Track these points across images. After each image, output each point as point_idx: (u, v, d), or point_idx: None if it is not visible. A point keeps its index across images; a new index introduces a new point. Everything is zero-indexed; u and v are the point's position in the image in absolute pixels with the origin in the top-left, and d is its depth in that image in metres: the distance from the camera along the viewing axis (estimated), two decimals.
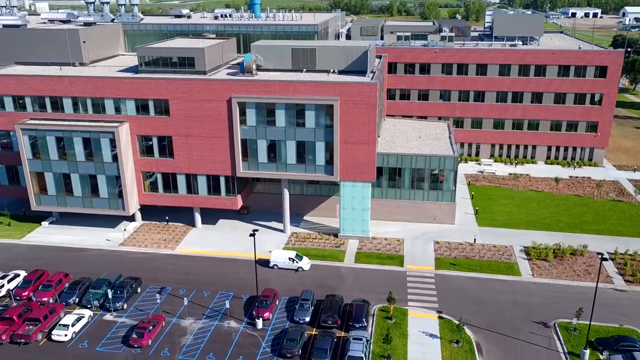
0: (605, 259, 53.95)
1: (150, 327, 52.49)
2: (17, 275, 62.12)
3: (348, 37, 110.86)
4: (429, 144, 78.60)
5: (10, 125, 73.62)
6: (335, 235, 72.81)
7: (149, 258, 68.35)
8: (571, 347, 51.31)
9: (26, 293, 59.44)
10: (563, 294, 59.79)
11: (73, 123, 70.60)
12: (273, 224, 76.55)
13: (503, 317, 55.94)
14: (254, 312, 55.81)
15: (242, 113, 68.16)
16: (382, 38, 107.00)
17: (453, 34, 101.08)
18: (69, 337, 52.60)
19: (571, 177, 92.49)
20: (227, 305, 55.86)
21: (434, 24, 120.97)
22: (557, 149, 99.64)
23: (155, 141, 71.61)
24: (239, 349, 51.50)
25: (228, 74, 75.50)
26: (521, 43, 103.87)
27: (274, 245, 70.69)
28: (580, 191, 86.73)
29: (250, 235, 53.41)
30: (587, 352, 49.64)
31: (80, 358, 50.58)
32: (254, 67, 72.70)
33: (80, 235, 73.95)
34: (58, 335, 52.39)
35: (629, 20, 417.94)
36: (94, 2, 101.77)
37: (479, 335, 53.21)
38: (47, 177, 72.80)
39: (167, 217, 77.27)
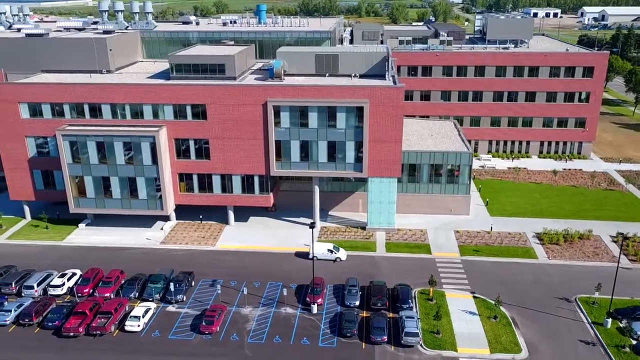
0: (627, 238, 60.46)
1: (217, 315, 56.94)
2: (74, 274, 65.38)
3: (351, 41, 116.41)
4: (442, 142, 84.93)
5: (47, 132, 76.47)
6: (363, 228, 78.35)
7: (191, 254, 72.46)
8: (594, 317, 58.17)
9: (87, 290, 62.89)
10: (578, 273, 66.84)
11: (114, 128, 73.98)
12: (301, 219, 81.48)
13: (528, 295, 62.42)
14: (307, 299, 60.73)
15: (277, 116, 72.94)
16: (382, 42, 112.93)
17: (451, 38, 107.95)
18: (141, 328, 56.57)
19: (565, 169, 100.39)
20: (285, 293, 60.79)
21: (429, 28, 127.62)
22: (549, 143, 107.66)
23: (192, 144, 75.66)
24: (301, 331, 56.49)
25: (256, 78, 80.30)
26: (513, 46, 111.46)
27: (307, 239, 75.65)
28: (574, 182, 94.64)
29: (310, 227, 58.47)
30: (610, 320, 56.54)
31: (155, 345, 54.68)
32: (283, 72, 77.67)
33: (118, 236, 77.37)
34: (131, 326, 56.31)
35: (588, 19, 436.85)
36: (107, 11, 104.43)
37: (512, 311, 59.56)
38: (86, 181, 75.96)
39: (200, 216, 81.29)
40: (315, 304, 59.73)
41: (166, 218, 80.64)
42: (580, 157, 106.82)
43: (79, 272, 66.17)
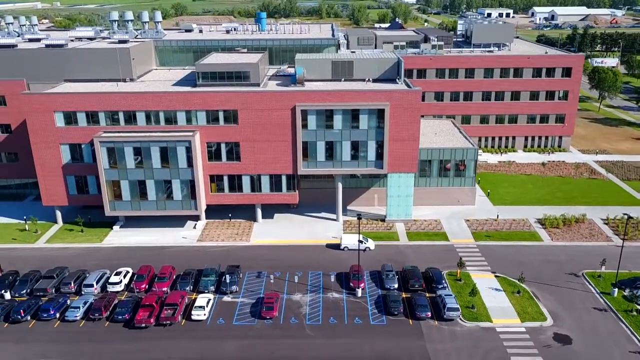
0: (630, 218, 69.27)
1: (275, 302, 62.69)
2: (128, 272, 69.64)
3: (347, 46, 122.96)
4: (448, 139, 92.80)
5: (82, 139, 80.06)
6: (382, 220, 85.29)
7: (229, 250, 77.67)
8: (601, 288, 66.90)
9: (144, 285, 67.39)
10: (580, 252, 75.77)
11: (149, 134, 78.32)
12: (323, 214, 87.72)
13: (541, 273, 70.71)
14: (351, 284, 67.14)
15: (304, 119, 78.95)
16: (375, 47, 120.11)
17: (442, 43, 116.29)
18: (206, 316, 61.71)
19: (549, 161, 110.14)
20: (332, 279, 67.11)
21: (417, 33, 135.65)
22: (533, 138, 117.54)
23: (223, 147, 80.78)
24: (352, 312, 62.91)
25: (277, 84, 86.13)
26: (497, 49, 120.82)
27: (334, 231, 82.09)
28: (560, 172, 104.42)
29: (358, 218, 64.98)
30: (616, 290, 65.38)
31: (223, 331, 59.98)
32: (304, 78, 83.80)
33: (154, 236, 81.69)
34: (197, 315, 61.38)
35: (539, 19, 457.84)
36: (117, 20, 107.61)
37: (530, 286, 67.62)
38: (122, 185, 79.96)
39: (230, 215, 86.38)
40: (360, 288, 66.23)
41: (196, 217, 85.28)
42: (560, 150, 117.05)
43: (131, 270, 70.39)
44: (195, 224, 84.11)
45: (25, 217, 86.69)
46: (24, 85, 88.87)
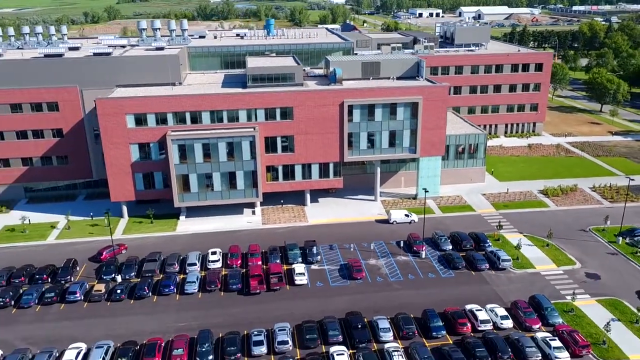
0: (632, 179, 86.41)
1: (361, 265, 74.84)
2: (214, 252, 78.97)
3: None
4: (457, 126, 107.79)
5: (150, 138, 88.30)
6: (414, 198, 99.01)
7: (293, 230, 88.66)
8: (607, 239, 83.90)
9: (239, 261, 77.37)
10: (581, 213, 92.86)
11: (215, 131, 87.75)
12: (360, 196, 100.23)
13: (557, 230, 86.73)
14: (415, 248, 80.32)
15: (350, 113, 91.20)
16: (378, 48, 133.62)
17: (433, 44, 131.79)
18: (307, 281, 72.88)
19: (529, 144, 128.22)
20: (402, 245, 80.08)
21: (404, 35, 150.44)
22: (512, 125, 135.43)
23: (279, 140, 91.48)
24: (423, 270, 76.16)
25: (316, 83, 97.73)
26: (477, 48, 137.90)
27: (377, 210, 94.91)
28: (542, 153, 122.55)
29: (425, 191, 78.06)
30: (620, 238, 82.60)
31: (325, 292, 71.41)
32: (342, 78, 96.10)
33: (219, 223, 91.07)
34: (300, 280, 72.40)
35: (468, 18, 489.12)
36: (145, 29, 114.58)
37: (554, 241, 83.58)
38: (190, 178, 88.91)
39: (282, 200, 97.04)
40: (422, 251, 79.60)
41: (252, 205, 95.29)
42: (535, 134, 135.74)
43: (218, 250, 79.85)
44: (254, 210, 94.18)
45: (91, 214, 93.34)
46: (77, 91, 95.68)
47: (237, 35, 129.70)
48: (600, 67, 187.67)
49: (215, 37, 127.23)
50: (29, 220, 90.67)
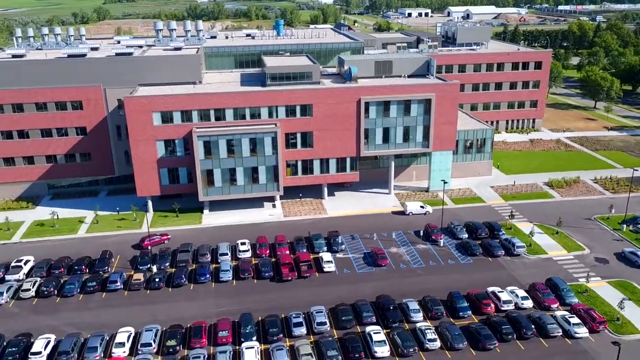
0: (637, 170, 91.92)
1: (385, 254, 79.04)
2: (244, 243, 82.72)
3: None
4: (465, 122, 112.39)
5: (176, 135, 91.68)
6: (426, 191, 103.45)
7: (313, 222, 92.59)
8: (612, 226, 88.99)
9: (267, 251, 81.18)
10: (585, 203, 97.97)
11: (240, 128, 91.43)
12: (375, 190, 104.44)
13: (564, 220, 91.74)
14: (433, 237, 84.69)
15: (366, 110, 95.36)
16: (384, 47, 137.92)
17: (437, 43, 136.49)
18: (334, 269, 76.91)
19: (531, 139, 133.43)
20: (421, 234, 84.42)
21: (408, 35, 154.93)
22: (513, 121, 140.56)
23: (298, 136, 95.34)
24: (443, 257, 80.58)
25: (331, 81, 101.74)
26: (478, 47, 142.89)
27: (392, 202, 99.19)
28: (543, 147, 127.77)
29: (444, 182, 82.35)
30: (624, 226, 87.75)
31: (352, 278, 75.51)
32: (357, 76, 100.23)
33: (242, 216, 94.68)
34: (329, 267, 76.44)
35: (457, 18, 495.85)
36: (161, 30, 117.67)
37: (562, 229, 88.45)
38: (215, 173, 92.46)
39: (300, 194, 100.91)
40: (441, 239, 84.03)
41: (271, 199, 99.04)
42: (535, 130, 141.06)
43: (247, 241, 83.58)
44: (274, 204, 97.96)
45: (117, 209, 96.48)
46: (101, 90, 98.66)
47: (248, 35, 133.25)
48: (592, 65, 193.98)
49: (227, 38, 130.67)
50: (57, 215, 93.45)
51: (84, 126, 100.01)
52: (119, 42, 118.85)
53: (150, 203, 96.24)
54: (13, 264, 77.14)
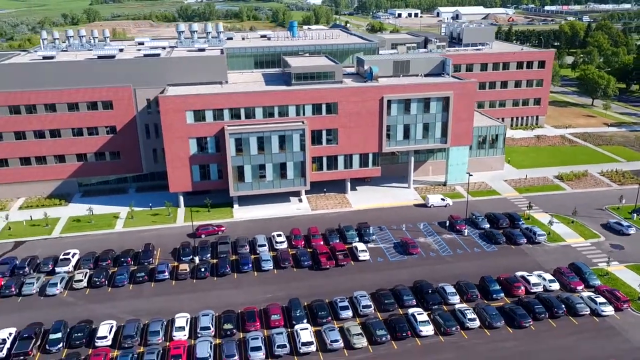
0: None
1: (415, 243, 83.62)
2: (280, 235, 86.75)
3: None
4: (477, 119, 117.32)
5: (208, 133, 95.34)
6: (444, 184, 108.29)
7: (341, 215, 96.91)
8: (623, 215, 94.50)
9: (302, 242, 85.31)
10: (595, 194, 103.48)
11: (269, 125, 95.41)
12: (394, 184, 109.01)
13: (578, 209, 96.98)
14: (457, 227, 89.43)
15: (389, 107, 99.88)
16: (393, 47, 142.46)
17: (445, 44, 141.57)
18: (368, 257, 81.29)
19: (537, 136, 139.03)
20: (447, 224, 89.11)
21: (416, 36, 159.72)
22: (517, 118, 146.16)
23: (324, 133, 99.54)
24: (468, 245, 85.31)
25: (352, 80, 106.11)
26: (483, 47, 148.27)
27: (412, 196, 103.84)
28: (549, 143, 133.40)
29: (469, 175, 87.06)
30: (635, 215, 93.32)
31: (386, 265, 79.93)
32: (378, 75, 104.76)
33: (271, 210, 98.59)
34: (364, 256, 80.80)
35: (447, 18, 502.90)
36: (183, 32, 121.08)
37: (577, 218, 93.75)
38: (245, 169, 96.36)
39: (324, 189, 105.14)
40: (465, 229, 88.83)
41: (296, 194, 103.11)
42: (538, 126, 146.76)
43: (282, 233, 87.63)
44: (300, 198, 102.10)
45: (150, 204, 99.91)
46: (131, 90, 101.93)
47: (263, 36, 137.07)
48: (587, 64, 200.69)
49: (243, 39, 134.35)
50: (92, 211, 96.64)
51: (114, 125, 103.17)
52: (142, 43, 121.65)
53: (181, 199, 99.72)
54: (61, 257, 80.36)
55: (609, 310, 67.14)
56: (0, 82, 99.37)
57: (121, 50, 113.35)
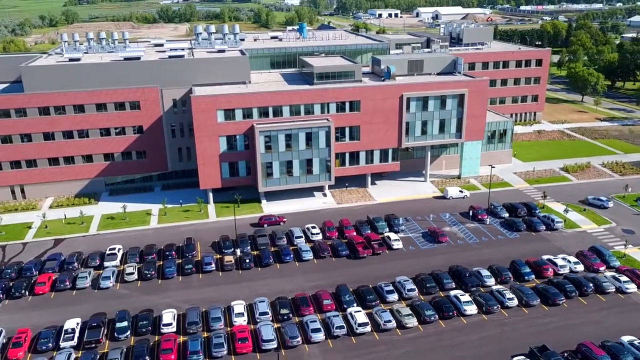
0: None
1: (444, 232, 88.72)
2: (314, 227, 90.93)
3: None
4: (487, 116, 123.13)
5: (237, 131, 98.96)
6: (458, 178, 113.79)
7: (366, 208, 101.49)
8: (629, 203, 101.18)
9: (335, 234, 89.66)
10: (600, 184, 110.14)
11: (296, 123, 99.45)
12: (410, 178, 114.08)
13: (587, 198, 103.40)
14: (479, 217, 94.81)
15: (408, 105, 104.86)
16: (397, 47, 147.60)
17: (447, 44, 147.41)
18: (401, 246, 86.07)
19: (538, 131, 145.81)
20: (470, 214, 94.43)
21: (418, 36, 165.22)
22: (516, 114, 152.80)
23: (347, 130, 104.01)
24: (492, 233, 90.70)
25: (370, 79, 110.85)
26: (482, 47, 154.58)
27: (430, 189, 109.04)
28: (549, 137, 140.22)
29: (491, 167, 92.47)
30: (639, 202, 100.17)
31: (418, 253, 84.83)
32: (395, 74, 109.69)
33: (297, 205, 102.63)
34: (397, 245, 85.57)
35: (427, 19, 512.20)
36: (200, 33, 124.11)
37: (587, 206, 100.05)
38: (274, 165, 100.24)
39: (347, 184, 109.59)
40: (487, 218, 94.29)
41: (320, 189, 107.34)
42: (536, 122, 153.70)
43: (316, 225, 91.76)
44: (324, 193, 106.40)
45: (180, 201, 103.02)
46: (158, 91, 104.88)
47: (273, 37, 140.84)
48: (573, 62, 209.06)
49: (255, 40, 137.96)
50: (125, 208, 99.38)
51: (141, 125, 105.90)
52: (161, 44, 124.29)
53: (211, 195, 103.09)
54: (107, 252, 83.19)
55: (632, 287, 73.11)
56: (29, 83, 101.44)
57: (142, 51, 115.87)
